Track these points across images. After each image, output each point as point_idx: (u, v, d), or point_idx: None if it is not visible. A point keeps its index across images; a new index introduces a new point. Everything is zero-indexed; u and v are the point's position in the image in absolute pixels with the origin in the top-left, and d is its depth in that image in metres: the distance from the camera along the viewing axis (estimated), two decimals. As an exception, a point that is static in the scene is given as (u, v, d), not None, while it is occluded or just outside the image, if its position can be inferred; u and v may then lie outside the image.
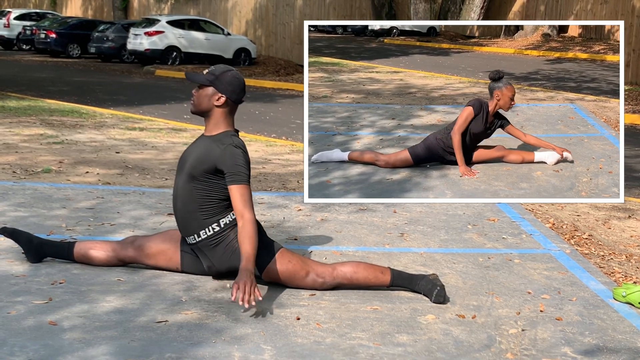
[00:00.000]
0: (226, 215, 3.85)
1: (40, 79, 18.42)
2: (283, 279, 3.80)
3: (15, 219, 4.95)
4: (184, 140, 9.04)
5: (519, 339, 3.34)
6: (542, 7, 18.80)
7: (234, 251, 3.81)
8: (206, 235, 3.83)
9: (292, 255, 3.82)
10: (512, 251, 4.76)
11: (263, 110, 13.73)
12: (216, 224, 3.82)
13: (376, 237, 4.97)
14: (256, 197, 6.02)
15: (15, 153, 7.52)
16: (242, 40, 24.76)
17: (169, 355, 3.00)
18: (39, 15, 33.13)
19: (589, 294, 3.99)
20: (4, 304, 3.46)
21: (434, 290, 3.74)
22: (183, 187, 3.86)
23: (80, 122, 10.28)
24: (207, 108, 3.92)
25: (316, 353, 3.09)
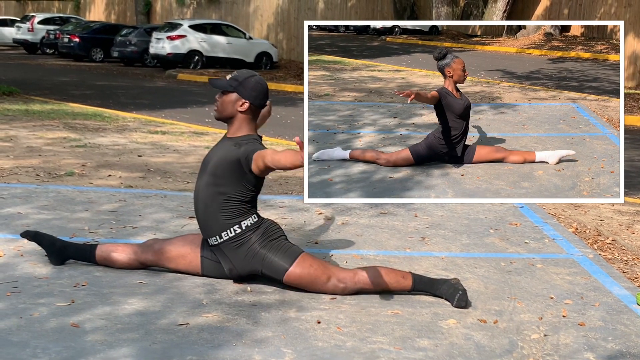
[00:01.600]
0: (248, 217, 3.86)
1: (63, 82, 18.57)
2: (304, 283, 3.80)
3: (39, 221, 4.99)
4: (206, 143, 9.07)
5: (541, 344, 3.32)
6: (566, 10, 18.69)
7: (255, 255, 3.81)
8: (228, 236, 3.84)
9: (314, 260, 3.82)
10: (535, 256, 4.73)
11: (284, 114, 13.75)
12: (237, 225, 3.83)
13: (397, 241, 4.96)
14: (277, 200, 6.02)
15: (38, 156, 7.59)
16: (264, 44, 24.83)
17: (190, 357, 3.00)
18: (62, 19, 33.40)
19: (612, 300, 3.95)
20: (27, 306, 3.49)
21: (455, 295, 3.72)
22: (205, 189, 3.87)
23: (102, 126, 10.35)
24: (231, 114, 3.93)
25: (337, 357, 3.08)
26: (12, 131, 9.29)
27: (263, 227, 3.88)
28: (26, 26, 32.44)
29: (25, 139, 8.69)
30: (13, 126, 9.78)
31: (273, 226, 3.92)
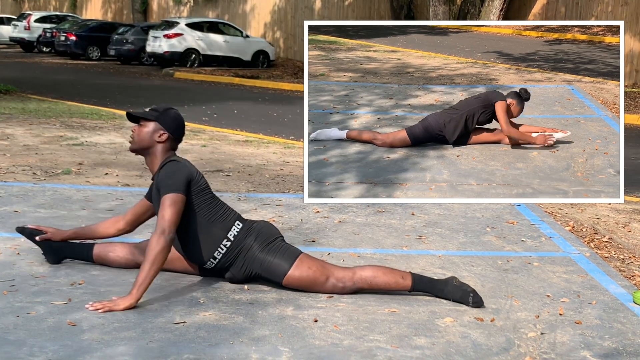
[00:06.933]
0: (231, 227, 3.80)
1: (60, 81, 18.55)
2: (303, 286, 3.79)
3: (36, 220, 4.98)
4: (202, 142, 9.07)
5: (538, 342, 3.32)
6: (563, 9, 18.71)
7: (254, 259, 3.78)
8: (221, 254, 3.80)
9: (312, 262, 3.81)
10: (531, 254, 4.73)
11: (281, 112, 13.75)
12: (225, 239, 3.79)
13: (394, 240, 4.96)
14: (274, 198, 6.02)
15: (35, 155, 7.58)
16: (261, 43, 24.82)
17: (187, 356, 3.00)
18: (59, 18, 33.36)
19: (609, 298, 3.96)
20: (24, 305, 3.48)
21: (467, 297, 3.71)
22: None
23: (99, 124, 10.34)
24: (148, 144, 3.84)
25: (334, 355, 3.09)
26: (8, 129, 9.28)
27: (256, 229, 3.84)
28: (23, 24, 32.40)
29: (22, 138, 8.68)
30: (9, 124, 9.76)
31: (266, 228, 3.88)
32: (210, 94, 16.90)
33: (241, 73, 22.05)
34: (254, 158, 8.09)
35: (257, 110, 14.01)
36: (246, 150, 8.62)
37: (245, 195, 6.12)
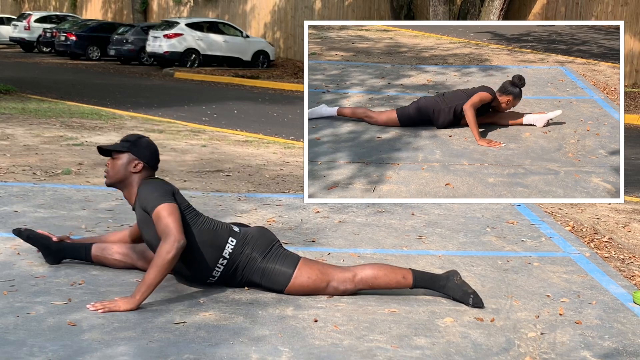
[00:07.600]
0: (225, 244, 3.75)
1: (60, 81, 18.55)
2: (305, 293, 3.78)
3: (35, 220, 4.98)
4: (203, 142, 9.07)
5: (538, 342, 3.32)
6: (563, 9, 18.71)
7: (254, 270, 3.74)
8: (220, 270, 3.78)
9: (312, 268, 3.78)
10: (531, 254, 4.73)
11: (281, 112, 13.75)
12: (221, 258, 3.76)
13: (394, 240, 4.96)
14: (274, 198, 6.02)
15: (35, 155, 7.58)
16: (261, 43, 24.82)
17: (187, 356, 3.00)
18: (59, 18, 33.36)
19: (609, 298, 3.96)
20: (23, 305, 3.48)
21: (468, 299, 3.72)
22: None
23: (100, 124, 10.34)
24: (123, 176, 3.79)
25: (333, 355, 3.09)
26: (8, 129, 9.28)
27: (252, 240, 3.79)
28: (23, 24, 32.39)
29: (22, 138, 8.68)
30: (10, 124, 9.76)
31: (262, 236, 3.83)
32: (210, 94, 16.90)
33: (241, 73, 22.06)
34: (254, 158, 8.09)
35: (257, 110, 14.01)
36: (246, 151, 8.62)
37: (245, 196, 6.12)
